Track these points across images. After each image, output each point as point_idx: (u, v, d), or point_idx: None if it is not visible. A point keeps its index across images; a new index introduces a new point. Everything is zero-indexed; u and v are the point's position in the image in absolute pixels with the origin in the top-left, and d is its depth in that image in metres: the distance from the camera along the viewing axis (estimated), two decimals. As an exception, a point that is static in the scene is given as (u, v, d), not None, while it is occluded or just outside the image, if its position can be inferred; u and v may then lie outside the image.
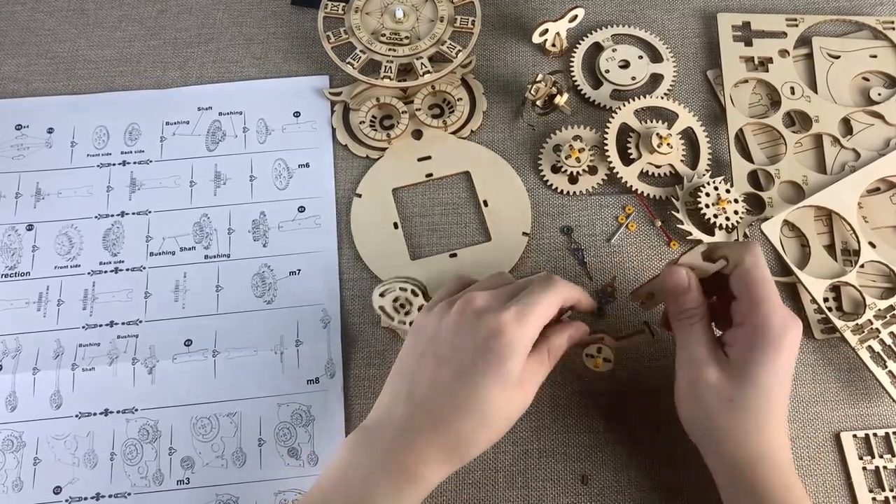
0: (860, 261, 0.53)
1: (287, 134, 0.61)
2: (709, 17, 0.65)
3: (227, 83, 0.63)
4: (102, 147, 0.60)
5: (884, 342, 0.51)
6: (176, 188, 0.59)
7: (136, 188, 0.59)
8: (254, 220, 0.58)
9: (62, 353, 0.53)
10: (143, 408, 0.52)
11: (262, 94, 0.62)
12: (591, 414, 0.52)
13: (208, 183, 0.59)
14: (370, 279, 0.56)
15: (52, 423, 0.52)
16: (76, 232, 0.57)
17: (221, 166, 0.60)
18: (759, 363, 0.42)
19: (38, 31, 0.66)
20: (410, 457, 0.41)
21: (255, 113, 0.62)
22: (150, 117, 0.61)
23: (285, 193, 0.59)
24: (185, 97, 0.62)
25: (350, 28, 0.61)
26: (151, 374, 0.53)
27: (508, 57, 0.64)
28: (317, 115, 0.62)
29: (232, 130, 0.61)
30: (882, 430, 0.50)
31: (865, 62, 0.62)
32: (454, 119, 0.60)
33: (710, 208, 0.55)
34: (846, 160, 0.58)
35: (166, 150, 0.60)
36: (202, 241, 0.57)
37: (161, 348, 0.54)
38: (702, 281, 0.45)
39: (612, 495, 0.49)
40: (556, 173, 0.59)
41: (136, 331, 0.54)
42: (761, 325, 0.42)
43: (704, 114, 0.61)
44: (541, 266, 0.56)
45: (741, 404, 0.42)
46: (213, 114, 0.62)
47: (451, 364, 0.42)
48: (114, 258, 0.57)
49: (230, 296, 0.55)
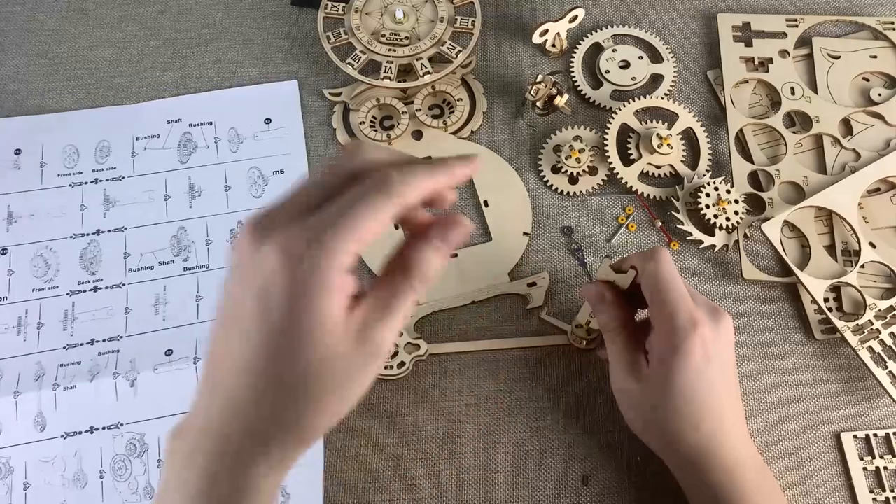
0: (860, 261, 0.53)
1: (259, 141, 0.61)
2: (709, 17, 0.65)
3: (194, 94, 0.62)
4: (73, 166, 0.60)
5: (884, 343, 0.51)
6: (151, 203, 0.58)
7: (110, 205, 0.58)
8: (231, 229, 0.58)
9: (43, 375, 0.53)
10: (129, 422, 0.51)
11: (231, 102, 0.62)
12: (592, 414, 0.51)
13: (183, 195, 0.59)
14: (370, 279, 0.56)
15: (39, 445, 0.51)
16: (52, 253, 0.57)
17: (195, 178, 0.59)
18: (671, 365, 0.41)
19: (37, 31, 0.66)
20: (231, 473, 0.31)
21: (225, 122, 0.61)
22: (119, 133, 0.61)
23: (262, 201, 0.59)
24: (153, 111, 0.62)
25: (350, 28, 0.61)
26: (133, 386, 0.52)
27: (508, 57, 0.64)
28: (288, 121, 0.61)
29: (203, 141, 0.61)
30: (882, 430, 0.50)
31: (866, 63, 0.62)
32: (454, 119, 0.60)
33: (710, 209, 0.55)
34: (846, 160, 0.58)
35: (138, 165, 0.60)
36: (180, 254, 0.57)
37: (141, 360, 0.53)
38: (627, 295, 0.46)
39: (612, 496, 0.49)
40: (557, 173, 0.59)
41: (116, 346, 0.54)
42: (667, 327, 0.42)
43: (705, 114, 0.61)
44: (541, 266, 0.56)
45: (665, 408, 0.42)
46: (184, 126, 0.61)
47: (238, 326, 0.31)
48: (92, 277, 0.56)
49: (210, 304, 0.55)
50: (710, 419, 0.42)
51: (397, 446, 0.51)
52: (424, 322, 0.54)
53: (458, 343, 0.52)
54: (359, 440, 0.51)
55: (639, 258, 0.44)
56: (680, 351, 0.41)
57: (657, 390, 0.42)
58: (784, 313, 0.54)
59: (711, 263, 0.56)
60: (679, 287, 0.42)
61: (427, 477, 0.50)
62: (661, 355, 0.42)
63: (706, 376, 0.42)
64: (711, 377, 0.42)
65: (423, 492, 0.50)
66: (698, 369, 0.41)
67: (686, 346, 0.41)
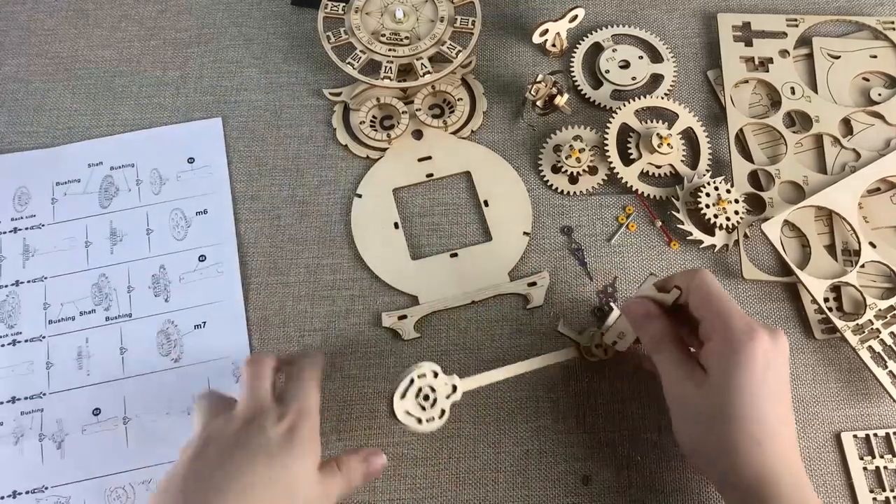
0: (860, 261, 0.53)
1: (182, 182, 0.59)
2: (709, 17, 0.65)
3: (116, 135, 0.61)
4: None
5: (884, 342, 0.51)
6: (71, 250, 0.57)
7: (29, 255, 0.56)
8: (153, 274, 0.56)
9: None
10: (54, 485, 0.50)
11: (153, 142, 0.61)
12: (593, 414, 0.52)
13: (104, 241, 0.57)
14: (370, 279, 0.56)
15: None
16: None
17: (117, 222, 0.58)
18: (733, 369, 0.41)
19: (38, 31, 0.66)
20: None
21: (147, 163, 0.60)
22: (38, 179, 0.59)
23: (184, 244, 0.57)
24: (74, 154, 0.60)
25: (350, 28, 0.61)
26: (60, 448, 0.51)
27: (508, 57, 0.64)
28: (211, 159, 0.60)
29: (125, 184, 0.59)
30: (882, 430, 0.50)
31: (866, 62, 0.62)
32: (454, 119, 0.60)
33: (710, 208, 0.55)
34: (846, 160, 0.58)
35: (58, 211, 0.58)
36: (102, 303, 0.55)
37: (69, 420, 0.51)
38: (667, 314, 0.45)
39: (613, 496, 0.49)
40: (557, 173, 0.59)
41: (40, 404, 0.52)
42: (726, 335, 0.41)
43: (705, 114, 0.61)
44: (541, 266, 0.56)
45: (725, 417, 0.41)
46: (105, 169, 0.59)
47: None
48: (10, 330, 0.54)
49: (135, 357, 0.53)
50: (772, 442, 0.40)
51: (397, 446, 0.51)
52: (424, 322, 0.54)
53: (486, 374, 0.47)
54: (359, 441, 0.51)
55: (683, 276, 0.44)
56: (740, 354, 0.40)
57: (717, 398, 0.41)
58: (784, 313, 0.54)
59: (711, 263, 0.56)
60: (729, 299, 0.42)
61: (427, 477, 0.50)
62: (721, 362, 0.41)
63: (767, 386, 0.41)
64: (772, 388, 0.41)
65: (423, 492, 0.50)
66: (759, 378, 0.40)
67: (746, 351, 0.40)
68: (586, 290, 0.55)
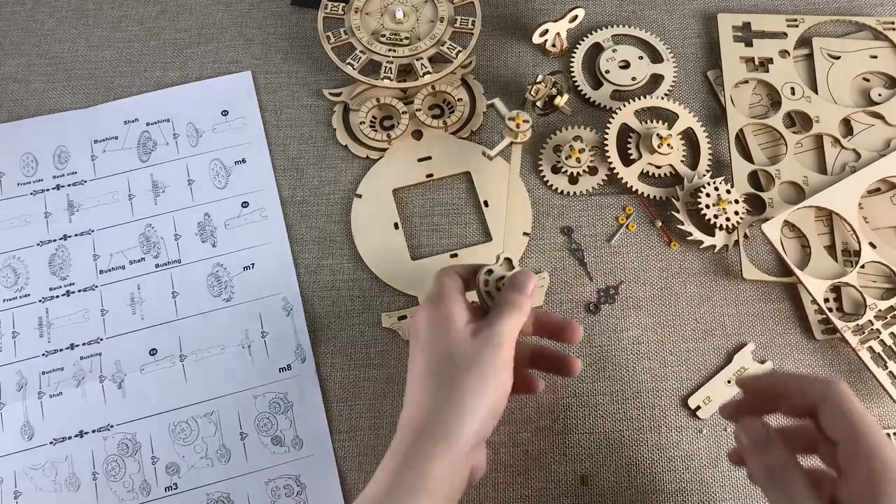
0: (861, 261, 0.53)
1: (218, 133, 0.61)
2: (709, 17, 0.65)
3: (148, 93, 0.63)
4: (32, 174, 0.60)
5: (884, 343, 0.51)
6: (115, 203, 0.59)
7: (74, 210, 0.59)
8: (199, 222, 0.58)
9: (26, 384, 0.53)
10: (119, 423, 0.52)
11: (186, 98, 0.63)
12: (592, 415, 0.52)
13: (147, 193, 0.59)
14: (370, 279, 0.56)
15: (27, 454, 0.51)
16: (20, 262, 0.57)
17: (157, 175, 0.60)
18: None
19: (38, 31, 0.66)
20: (411, 462, 0.39)
21: (182, 118, 0.62)
22: (76, 138, 0.61)
23: (226, 192, 0.59)
24: (109, 113, 0.62)
25: (350, 28, 0.61)
26: (121, 388, 0.53)
27: (508, 57, 0.64)
28: (245, 111, 0.62)
29: (162, 139, 0.61)
30: (883, 430, 0.50)
31: (866, 63, 0.62)
32: (454, 119, 0.60)
33: (710, 209, 0.55)
34: (846, 161, 0.58)
35: (99, 168, 0.60)
36: (150, 251, 0.57)
37: (127, 362, 0.54)
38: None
39: (612, 496, 0.49)
40: (557, 174, 0.59)
41: (98, 349, 0.54)
42: (872, 478, 0.35)
43: (705, 114, 0.61)
44: (541, 266, 0.56)
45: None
46: (141, 125, 0.62)
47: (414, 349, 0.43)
48: (63, 282, 0.56)
49: (188, 300, 0.56)
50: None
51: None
52: (424, 322, 0.54)
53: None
54: (366, 441, 0.51)
55: (814, 384, 0.39)
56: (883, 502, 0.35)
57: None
58: (784, 313, 0.54)
59: (711, 263, 0.56)
60: (874, 424, 0.37)
61: (427, 477, 0.50)
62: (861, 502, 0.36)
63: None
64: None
65: (423, 492, 0.50)
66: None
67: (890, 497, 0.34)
68: (586, 290, 0.55)
